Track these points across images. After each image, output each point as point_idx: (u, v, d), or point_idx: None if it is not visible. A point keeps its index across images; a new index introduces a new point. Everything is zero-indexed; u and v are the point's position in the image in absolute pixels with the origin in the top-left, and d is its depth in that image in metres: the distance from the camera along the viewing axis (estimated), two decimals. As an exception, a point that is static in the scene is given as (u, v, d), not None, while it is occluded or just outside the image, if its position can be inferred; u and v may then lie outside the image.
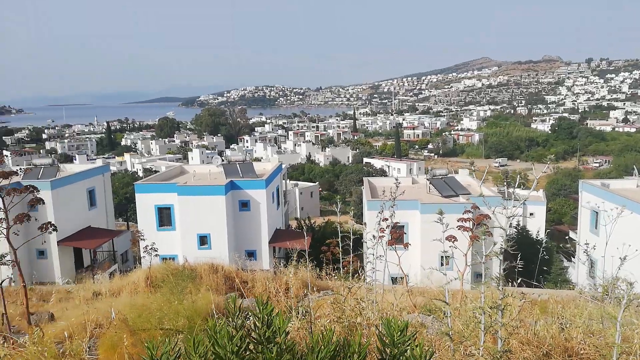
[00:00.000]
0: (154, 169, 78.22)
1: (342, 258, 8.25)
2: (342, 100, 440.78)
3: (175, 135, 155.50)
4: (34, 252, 27.21)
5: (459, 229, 6.84)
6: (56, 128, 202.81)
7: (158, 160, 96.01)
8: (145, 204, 27.30)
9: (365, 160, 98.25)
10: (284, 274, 15.83)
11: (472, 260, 7.26)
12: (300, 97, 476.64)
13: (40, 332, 3.60)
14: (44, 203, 7.16)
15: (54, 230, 7.27)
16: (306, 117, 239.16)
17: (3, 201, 6.57)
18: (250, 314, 2.46)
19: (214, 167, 33.50)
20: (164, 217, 27.28)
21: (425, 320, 5.58)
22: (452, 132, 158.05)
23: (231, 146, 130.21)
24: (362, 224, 30.95)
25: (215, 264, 19.85)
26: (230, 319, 2.26)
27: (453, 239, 5.92)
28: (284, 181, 37.75)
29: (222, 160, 35.28)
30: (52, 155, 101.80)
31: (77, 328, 5.64)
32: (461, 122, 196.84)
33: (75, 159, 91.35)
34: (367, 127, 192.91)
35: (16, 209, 7.68)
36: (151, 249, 16.86)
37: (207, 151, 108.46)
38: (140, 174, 76.28)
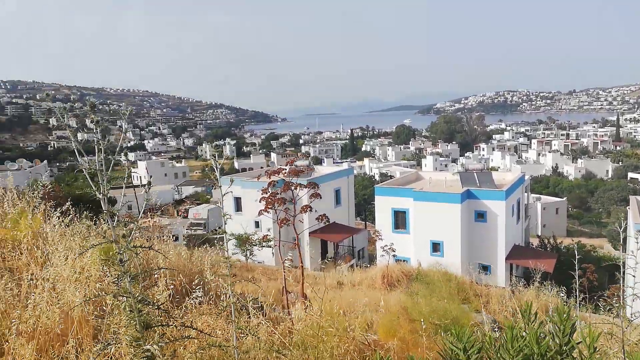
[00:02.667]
0: (389, 174, 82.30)
1: (597, 286, 7.14)
2: (601, 105, 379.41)
3: (410, 142, 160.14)
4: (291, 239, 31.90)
5: None
6: (310, 134, 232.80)
7: (393, 165, 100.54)
8: (383, 206, 28.95)
9: (631, 175, 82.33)
10: (523, 294, 14.59)
11: None
12: (548, 101, 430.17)
13: (326, 304, 4.30)
14: (321, 198, 8.38)
15: (327, 221, 8.47)
16: (553, 123, 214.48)
17: (292, 194, 8.06)
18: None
19: (449, 175, 33.25)
20: (400, 220, 28.41)
21: None
22: None
23: (466, 154, 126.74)
24: (622, 250, 26.06)
25: (448, 272, 19.71)
26: (525, 324, 2.27)
27: None
28: (525, 194, 34.80)
29: (460, 168, 34.66)
30: (308, 157, 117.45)
31: (345, 308, 6.42)
32: None
33: (324, 162, 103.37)
34: (634, 136, 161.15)
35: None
36: (389, 249, 17.89)
37: (441, 158, 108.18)
38: (377, 177, 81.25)
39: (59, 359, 3.00)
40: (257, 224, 30.86)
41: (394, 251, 17.96)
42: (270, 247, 26.31)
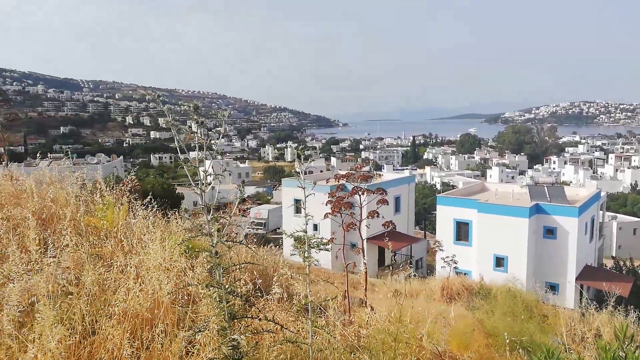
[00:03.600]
0: (451, 184, 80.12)
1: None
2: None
3: (475, 152, 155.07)
4: (348, 244, 31.89)
5: None
6: (371, 140, 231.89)
7: (456, 175, 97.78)
8: (445, 216, 28.24)
9: None
10: (595, 318, 13.68)
11: None
12: (628, 114, 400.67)
13: (395, 312, 4.29)
14: (388, 204, 8.36)
15: (393, 228, 8.45)
16: (634, 138, 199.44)
17: (360, 199, 8.11)
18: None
19: (517, 187, 31.85)
20: (462, 231, 27.59)
21: None
22: None
23: (535, 166, 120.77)
24: None
25: (512, 289, 18.87)
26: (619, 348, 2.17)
27: None
28: (600, 212, 32.63)
29: (529, 181, 33.16)
30: (369, 163, 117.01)
31: (411, 317, 6.36)
32: None
33: (383, 168, 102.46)
34: None
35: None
36: (451, 260, 17.40)
37: (508, 170, 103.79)
38: (439, 187, 79.37)
39: (147, 342, 3.21)
40: (315, 227, 31.13)
41: (455, 263, 17.44)
42: (328, 250, 26.45)
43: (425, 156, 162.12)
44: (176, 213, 7.23)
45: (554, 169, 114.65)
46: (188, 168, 2.99)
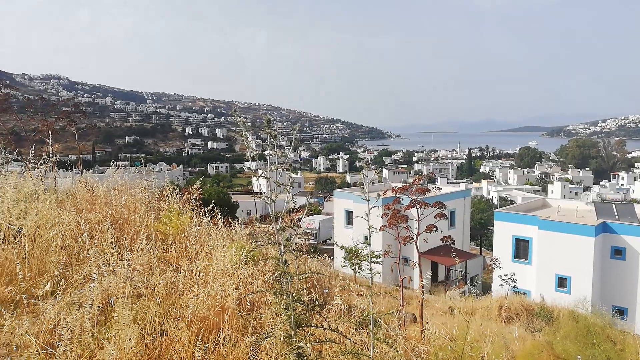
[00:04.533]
0: (509, 199, 77.09)
1: None
2: None
3: (535, 166, 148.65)
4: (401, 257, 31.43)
5: None
6: (424, 152, 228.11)
7: (515, 189, 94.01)
8: (503, 232, 27.20)
9: None
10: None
11: None
12: None
13: (456, 329, 4.20)
14: (447, 218, 8.21)
15: (452, 243, 8.29)
16: None
17: (418, 212, 8.03)
18: None
19: (582, 204, 30.20)
20: (521, 249, 26.45)
21: None
22: None
23: (601, 182, 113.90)
24: None
25: (575, 311, 17.85)
26: None
27: None
28: (676, 232, 30.22)
29: (596, 198, 31.38)
30: (423, 177, 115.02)
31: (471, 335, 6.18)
32: None
33: (437, 181, 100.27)
34: None
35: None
36: (510, 279, 16.69)
37: (571, 186, 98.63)
38: (495, 201, 76.59)
39: (213, 345, 3.33)
40: (366, 239, 30.94)
41: (514, 282, 16.72)
42: (380, 263, 26.20)
43: (481, 169, 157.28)
44: (234, 221, 7.46)
45: (622, 185, 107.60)
46: (255, 177, 3.10)
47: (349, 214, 34.46)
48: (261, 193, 2.98)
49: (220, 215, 6.67)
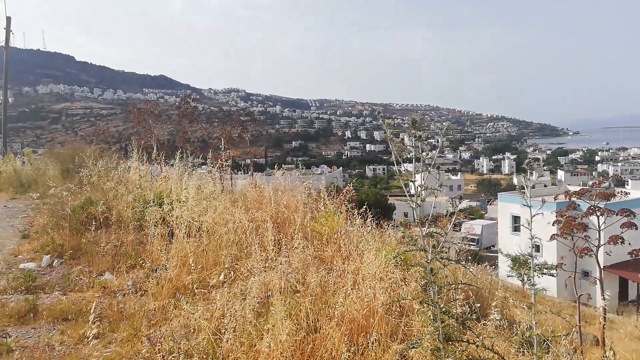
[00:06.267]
0: None
1: None
2: None
3: None
4: (580, 271, 27.82)
5: None
6: (610, 151, 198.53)
7: None
8: None
9: None
10: None
11: None
12: None
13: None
14: (637, 228, 6.98)
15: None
16: None
17: (598, 220, 6.98)
18: None
19: None
20: None
21: None
22: None
23: None
24: None
25: None
26: None
27: None
28: None
29: None
30: (609, 178, 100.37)
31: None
32: None
33: (627, 184, 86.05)
34: None
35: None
36: None
37: None
38: None
39: (361, 348, 3.34)
40: (538, 248, 28.08)
41: None
42: (554, 275, 23.50)
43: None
44: (389, 223, 7.42)
45: None
46: (403, 180, 3.01)
47: (515, 219, 31.76)
48: (411, 195, 2.87)
49: (374, 216, 6.70)
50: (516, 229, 31.16)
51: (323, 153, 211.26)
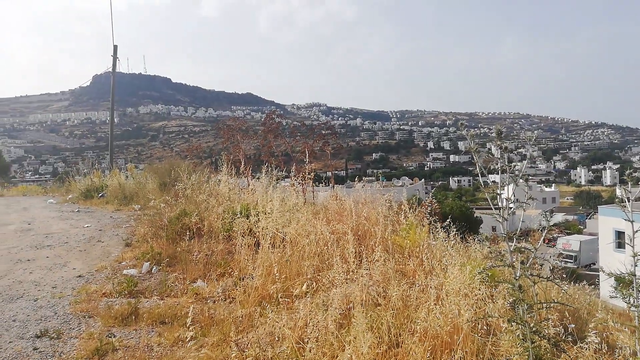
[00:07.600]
0: None
1: None
2: None
3: None
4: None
5: None
6: None
7: None
8: None
9: None
10: None
11: None
12: None
13: None
14: None
15: None
16: None
17: None
18: None
19: None
20: None
21: None
22: None
23: None
24: None
25: None
26: None
27: None
28: None
29: None
30: None
31: None
32: None
33: None
34: None
35: None
36: None
37: None
38: None
39: (446, 365, 3.24)
40: (646, 267, 25.34)
41: None
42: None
43: None
44: (475, 237, 7.14)
45: None
46: (488, 193, 2.92)
47: (619, 234, 28.93)
48: (498, 208, 2.77)
49: (459, 230, 6.49)
50: (620, 245, 28.40)
51: (404, 164, 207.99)
